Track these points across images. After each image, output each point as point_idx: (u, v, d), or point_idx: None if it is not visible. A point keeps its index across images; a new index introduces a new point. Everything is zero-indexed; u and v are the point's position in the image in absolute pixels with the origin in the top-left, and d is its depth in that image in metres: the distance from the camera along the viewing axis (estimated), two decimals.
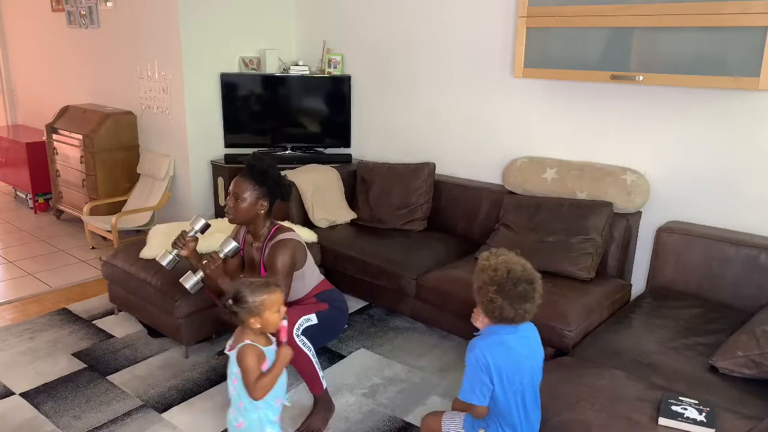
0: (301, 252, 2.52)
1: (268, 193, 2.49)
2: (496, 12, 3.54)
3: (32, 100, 6.17)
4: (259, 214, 2.50)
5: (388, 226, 3.76)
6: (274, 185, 2.50)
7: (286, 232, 2.53)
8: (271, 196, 2.51)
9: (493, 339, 1.83)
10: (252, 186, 2.46)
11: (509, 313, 1.78)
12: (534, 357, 1.88)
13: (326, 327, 2.55)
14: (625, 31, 2.80)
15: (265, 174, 2.49)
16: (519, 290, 1.77)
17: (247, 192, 2.45)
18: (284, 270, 2.41)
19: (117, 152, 4.68)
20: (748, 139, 2.83)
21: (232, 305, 1.94)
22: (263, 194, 2.48)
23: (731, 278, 2.73)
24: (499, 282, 1.77)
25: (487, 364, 1.79)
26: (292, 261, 2.44)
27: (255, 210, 2.48)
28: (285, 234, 2.50)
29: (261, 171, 2.49)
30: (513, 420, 1.86)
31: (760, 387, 2.12)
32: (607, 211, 3.04)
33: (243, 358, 1.93)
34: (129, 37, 4.57)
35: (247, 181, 2.47)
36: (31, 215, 5.48)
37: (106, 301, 3.57)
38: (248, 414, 2.01)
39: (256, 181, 2.47)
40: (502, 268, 1.79)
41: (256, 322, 1.94)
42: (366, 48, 4.26)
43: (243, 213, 2.48)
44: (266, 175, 2.49)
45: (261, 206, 2.49)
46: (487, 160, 3.76)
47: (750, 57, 2.48)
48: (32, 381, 2.83)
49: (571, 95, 3.35)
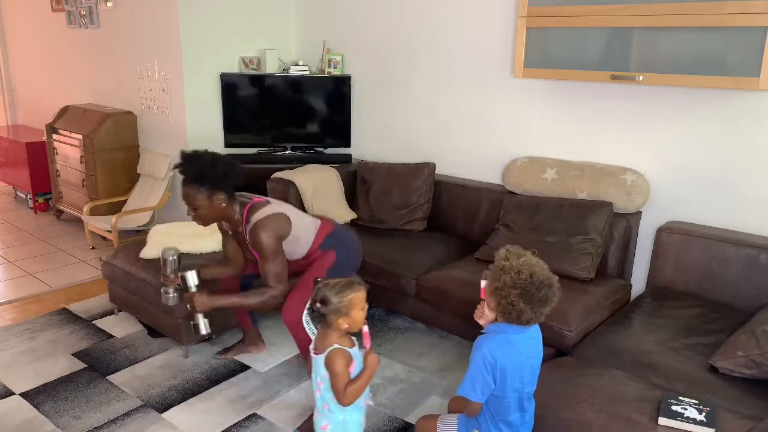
0: (281, 222, 2.44)
1: (217, 186, 2.40)
2: (496, 12, 3.54)
3: (32, 100, 6.17)
4: (221, 208, 2.43)
5: (388, 226, 3.76)
6: (216, 177, 2.39)
7: (259, 210, 2.43)
8: (222, 188, 2.41)
9: (501, 338, 1.81)
10: (196, 190, 2.38)
11: (528, 317, 1.76)
12: (535, 357, 1.88)
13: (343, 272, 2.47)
14: (625, 31, 2.80)
15: (200, 174, 2.39)
16: (541, 294, 1.75)
17: (196, 198, 2.39)
18: (270, 250, 2.36)
19: (117, 152, 4.68)
20: (748, 139, 2.83)
21: (319, 308, 1.95)
22: (212, 190, 2.39)
23: (731, 278, 2.73)
24: (523, 286, 1.74)
25: (493, 364, 1.78)
26: (274, 238, 2.38)
27: (215, 207, 2.42)
28: (257, 214, 2.42)
29: (195, 173, 2.39)
30: (510, 417, 1.86)
31: (760, 387, 2.12)
32: (607, 211, 3.04)
33: (332, 362, 1.94)
34: (129, 37, 4.57)
35: (189, 188, 2.40)
36: (31, 215, 5.48)
37: (106, 301, 3.57)
38: (333, 416, 2.02)
39: (198, 184, 2.38)
40: (525, 271, 1.75)
41: (344, 322, 1.95)
42: (366, 48, 4.26)
43: (206, 217, 2.43)
44: (202, 174, 2.39)
45: (218, 201, 2.41)
46: (487, 160, 3.76)
47: (750, 57, 2.48)
48: (32, 381, 2.83)
49: (571, 95, 3.35)
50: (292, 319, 2.41)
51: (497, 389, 1.81)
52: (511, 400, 1.84)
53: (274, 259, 2.39)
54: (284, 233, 2.45)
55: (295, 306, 2.43)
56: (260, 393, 2.76)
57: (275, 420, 2.57)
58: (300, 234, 2.52)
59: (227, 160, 2.45)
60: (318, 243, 2.55)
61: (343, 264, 2.56)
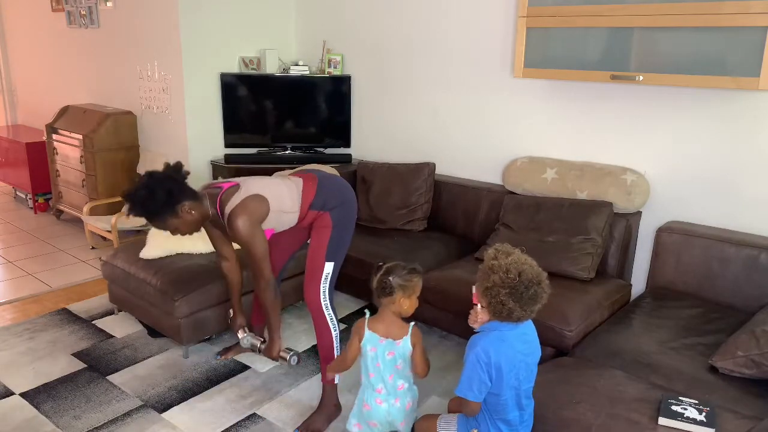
0: (255, 204, 2.31)
1: (172, 204, 2.26)
2: (496, 12, 3.54)
3: (32, 100, 6.17)
4: (195, 217, 2.33)
5: (388, 226, 3.76)
6: (163, 199, 2.25)
7: (230, 198, 2.33)
8: (177, 202, 2.27)
9: (494, 336, 1.83)
10: (160, 220, 2.28)
11: (518, 314, 1.78)
12: (531, 354, 1.88)
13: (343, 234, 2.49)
14: (624, 31, 2.80)
15: (149, 207, 2.25)
16: (531, 293, 1.76)
17: (167, 225, 2.30)
18: (248, 236, 2.28)
19: (117, 152, 4.68)
20: (748, 139, 2.82)
21: (390, 280, 2.03)
22: (171, 211, 2.26)
23: (731, 278, 2.73)
24: (512, 285, 1.76)
25: (488, 361, 1.79)
26: (249, 224, 2.28)
27: (188, 219, 2.31)
28: (230, 203, 2.32)
29: (145, 210, 2.26)
30: (508, 416, 1.87)
31: (760, 387, 2.12)
32: (607, 211, 3.04)
33: (419, 339, 2.12)
34: (129, 37, 4.57)
35: (153, 222, 2.30)
36: (31, 215, 5.48)
37: (106, 301, 3.57)
38: (412, 390, 2.19)
39: (155, 216, 2.27)
40: (513, 270, 1.77)
41: (404, 303, 2.07)
42: (366, 48, 4.26)
43: (189, 230, 2.36)
44: (151, 205, 2.24)
45: (185, 212, 2.29)
46: (487, 160, 3.76)
47: (750, 57, 2.48)
48: (32, 381, 2.83)
49: (571, 95, 3.35)
50: (311, 299, 2.46)
51: (494, 387, 1.82)
52: (509, 397, 1.84)
53: (254, 244, 2.31)
54: (262, 214, 2.33)
55: (314, 290, 2.47)
56: (260, 393, 2.76)
57: (275, 420, 2.57)
58: (282, 205, 2.40)
59: (161, 175, 2.31)
60: (307, 204, 2.44)
61: (341, 222, 2.47)
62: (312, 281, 2.47)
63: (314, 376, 2.87)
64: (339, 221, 2.48)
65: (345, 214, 2.51)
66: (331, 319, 2.49)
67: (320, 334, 2.51)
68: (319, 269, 2.46)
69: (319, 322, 2.50)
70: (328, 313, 2.48)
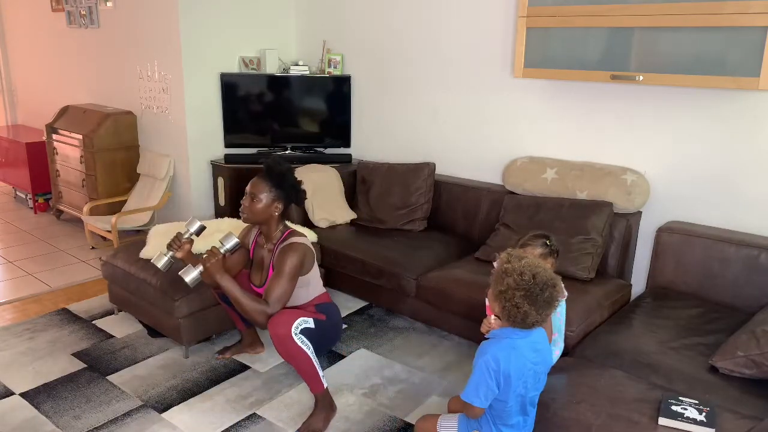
0: (310, 258, 2.55)
1: (284, 196, 2.53)
2: (496, 12, 3.54)
3: (32, 100, 6.17)
4: (273, 216, 2.53)
5: (388, 226, 3.76)
6: (291, 189, 2.55)
7: (299, 236, 2.55)
8: (287, 200, 2.55)
9: (505, 343, 1.81)
10: (269, 188, 2.51)
11: (532, 319, 1.75)
12: (541, 363, 1.87)
13: (320, 337, 2.51)
14: (624, 31, 2.80)
15: (282, 177, 2.53)
16: (546, 296, 1.74)
17: (264, 193, 2.50)
18: (291, 272, 2.42)
19: (117, 152, 4.68)
20: (748, 139, 2.83)
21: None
22: (279, 197, 2.51)
23: (731, 278, 2.73)
24: (527, 287, 1.73)
25: (497, 369, 1.77)
26: (299, 264, 2.46)
27: (269, 211, 2.52)
28: (297, 238, 2.52)
29: (279, 174, 2.53)
30: (511, 420, 1.87)
31: (760, 387, 2.12)
32: (607, 211, 3.04)
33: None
34: (129, 37, 4.57)
35: (264, 182, 2.51)
36: (31, 215, 5.48)
37: (106, 301, 3.57)
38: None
39: (273, 184, 2.51)
40: (527, 273, 1.75)
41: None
42: (366, 48, 4.26)
43: (257, 213, 2.51)
44: (283, 179, 2.53)
45: (275, 208, 2.52)
46: (487, 160, 3.76)
47: (750, 57, 2.48)
48: (32, 381, 2.83)
49: (571, 95, 3.35)
50: (281, 333, 2.34)
51: (501, 394, 1.80)
52: (514, 404, 1.83)
53: (287, 282, 2.41)
54: (308, 267, 2.53)
55: (286, 320, 2.37)
56: (260, 393, 2.76)
57: (275, 420, 2.57)
58: (312, 281, 2.59)
59: (304, 190, 2.62)
60: (317, 302, 2.61)
61: (327, 331, 2.58)
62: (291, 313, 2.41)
63: None
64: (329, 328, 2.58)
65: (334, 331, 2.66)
66: (302, 341, 2.37)
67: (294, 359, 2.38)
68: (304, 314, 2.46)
69: (290, 349, 2.37)
70: (298, 338, 2.36)
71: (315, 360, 2.43)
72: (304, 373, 2.44)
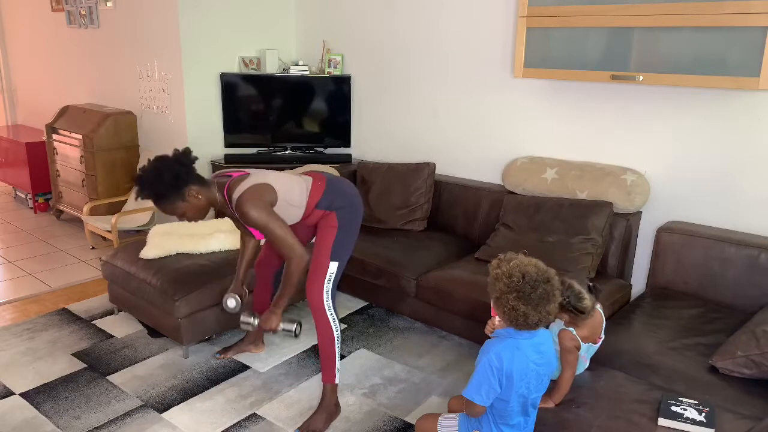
0: (263, 191, 2.33)
1: (179, 187, 2.29)
2: (496, 12, 3.54)
3: (32, 100, 6.17)
4: (202, 202, 2.35)
5: (388, 226, 3.76)
6: (171, 182, 2.28)
7: (238, 185, 2.34)
8: (184, 185, 2.30)
9: (508, 343, 1.80)
10: (167, 203, 2.30)
11: (534, 319, 1.74)
12: (544, 364, 1.86)
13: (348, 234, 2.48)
14: (625, 31, 2.80)
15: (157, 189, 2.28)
16: (539, 292, 1.73)
17: (174, 208, 2.32)
18: (263, 221, 2.29)
19: (117, 152, 4.68)
20: (748, 139, 2.82)
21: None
22: (178, 194, 2.29)
23: (731, 278, 2.73)
24: (517, 288, 1.73)
25: (500, 368, 1.77)
26: (261, 207, 2.29)
27: (194, 204, 2.34)
28: (237, 190, 2.33)
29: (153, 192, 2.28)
30: (512, 421, 1.86)
31: (760, 387, 2.12)
32: (607, 211, 3.04)
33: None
34: (129, 37, 4.57)
35: (160, 205, 2.31)
36: (31, 215, 5.48)
37: (106, 301, 3.57)
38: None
39: (163, 198, 2.29)
40: (516, 273, 1.74)
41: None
42: (366, 48, 4.26)
43: (195, 215, 2.38)
44: (159, 187, 2.27)
45: (192, 197, 2.32)
46: (487, 160, 3.76)
47: (750, 57, 2.48)
48: (32, 381, 2.83)
49: (571, 95, 3.35)
50: (315, 306, 2.44)
51: (503, 393, 1.80)
52: (516, 404, 1.83)
53: (275, 229, 2.31)
54: (270, 200, 2.34)
55: (316, 288, 2.43)
56: (260, 393, 2.76)
57: (275, 420, 2.57)
58: (291, 197, 2.41)
59: (169, 159, 2.33)
60: (314, 202, 2.46)
61: (346, 223, 2.47)
62: (315, 280, 2.46)
63: (314, 376, 2.88)
64: (345, 222, 2.47)
65: (351, 216, 2.51)
66: (333, 319, 2.48)
67: (321, 334, 2.50)
68: (323, 268, 2.45)
69: (320, 321, 2.49)
70: (330, 313, 2.47)
71: (338, 348, 2.50)
72: (324, 355, 2.50)
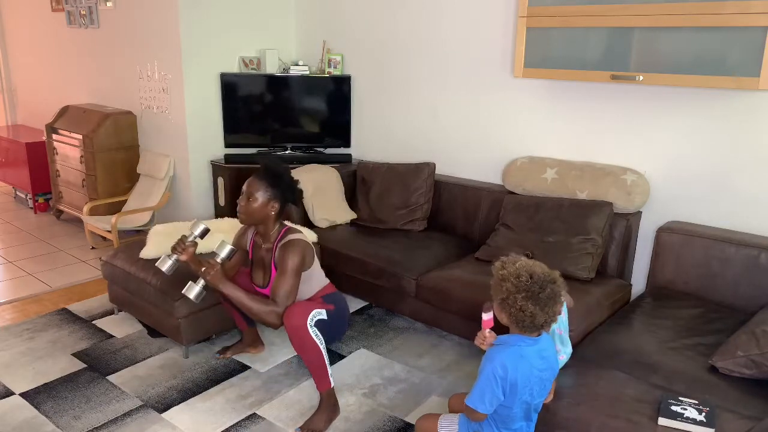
0: (310, 253, 2.56)
1: (280, 195, 2.52)
2: (496, 12, 3.54)
3: (32, 100, 6.17)
4: (270, 216, 2.53)
5: (388, 226, 3.76)
6: (287, 188, 2.55)
7: (295, 233, 2.55)
8: (283, 199, 2.54)
9: (513, 351, 1.80)
10: (265, 187, 2.50)
11: (541, 319, 1.74)
12: (547, 369, 1.86)
13: (331, 327, 2.56)
14: (625, 31, 2.80)
15: (278, 177, 2.53)
16: (547, 292, 1.73)
17: (260, 192, 2.49)
18: (294, 269, 2.45)
19: (117, 152, 4.68)
20: (749, 139, 2.82)
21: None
22: (275, 196, 2.51)
23: (731, 278, 2.73)
24: (526, 287, 1.72)
25: (504, 377, 1.76)
26: (301, 261, 2.47)
27: (266, 211, 2.52)
28: (294, 235, 2.53)
29: (275, 173, 2.53)
30: (514, 425, 1.87)
31: (760, 387, 2.12)
32: (607, 211, 3.04)
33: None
34: (129, 37, 4.57)
35: (260, 181, 2.51)
36: (31, 215, 5.48)
37: (106, 301, 3.57)
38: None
39: (269, 183, 2.50)
40: (524, 274, 1.74)
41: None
42: (366, 48, 4.26)
43: (254, 213, 2.51)
44: (280, 178, 2.53)
45: (272, 207, 2.52)
46: (487, 160, 3.76)
47: (750, 57, 2.48)
48: (32, 381, 2.83)
49: (571, 95, 3.35)
50: (297, 324, 2.39)
51: (506, 401, 1.80)
52: (519, 410, 1.83)
53: (292, 279, 2.44)
54: (309, 262, 2.54)
55: (302, 311, 2.42)
56: (260, 393, 2.76)
57: (275, 420, 2.57)
58: (314, 275, 2.60)
59: (300, 189, 2.62)
60: (322, 294, 2.63)
61: (337, 320, 2.60)
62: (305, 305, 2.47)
63: None
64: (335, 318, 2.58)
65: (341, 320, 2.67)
66: (316, 335, 2.42)
67: (308, 352, 2.41)
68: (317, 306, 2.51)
69: (305, 340, 2.40)
70: (313, 331, 2.41)
71: (326, 356, 2.46)
72: (314, 368, 2.46)
